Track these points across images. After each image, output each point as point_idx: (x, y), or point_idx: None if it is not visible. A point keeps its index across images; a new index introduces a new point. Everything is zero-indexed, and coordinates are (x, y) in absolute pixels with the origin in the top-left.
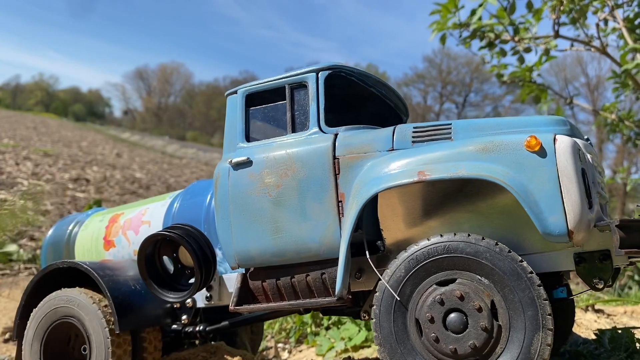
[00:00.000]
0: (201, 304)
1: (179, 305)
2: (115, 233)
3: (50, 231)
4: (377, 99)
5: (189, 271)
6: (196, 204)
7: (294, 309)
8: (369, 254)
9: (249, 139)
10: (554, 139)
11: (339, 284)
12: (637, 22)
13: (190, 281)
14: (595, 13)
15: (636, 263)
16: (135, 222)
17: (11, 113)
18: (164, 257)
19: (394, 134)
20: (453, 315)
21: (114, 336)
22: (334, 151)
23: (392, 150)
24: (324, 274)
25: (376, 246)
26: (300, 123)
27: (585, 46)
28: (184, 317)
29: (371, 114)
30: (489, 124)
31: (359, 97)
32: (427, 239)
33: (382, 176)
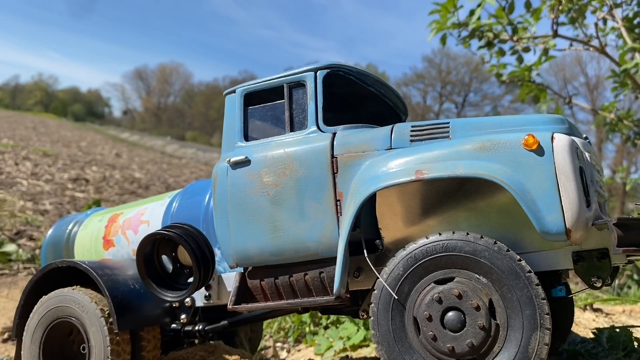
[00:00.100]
0: (200, 303)
1: (178, 305)
2: (114, 233)
3: (50, 231)
4: (376, 98)
5: (187, 270)
6: (195, 203)
7: (292, 308)
8: (367, 252)
9: (247, 138)
10: (552, 137)
11: (337, 283)
12: (636, 22)
13: (189, 280)
14: (594, 12)
15: (635, 262)
16: (134, 222)
17: (10, 113)
18: (163, 257)
19: (392, 133)
20: (451, 313)
21: (112, 335)
22: (332, 150)
23: (390, 149)
24: (322, 273)
25: (375, 245)
26: (298, 122)
27: (584, 46)
28: (183, 316)
29: (370, 113)
30: (487, 122)
31: (357, 96)
32: (425, 237)
33: (379, 175)
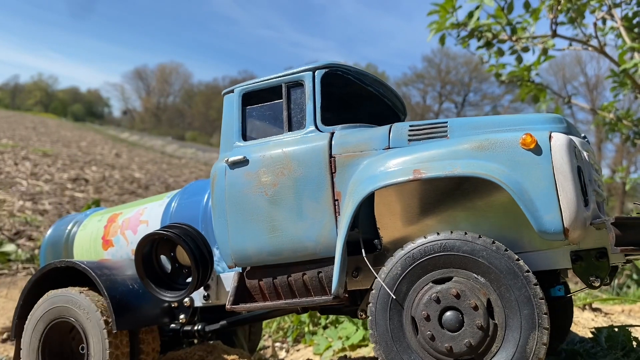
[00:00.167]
0: (199, 303)
1: (176, 305)
2: (113, 233)
3: (49, 231)
4: (375, 98)
5: (186, 270)
6: (193, 203)
7: (290, 307)
8: (366, 252)
9: (245, 138)
10: (550, 136)
11: (335, 283)
12: (635, 21)
13: (188, 280)
14: (593, 12)
15: (634, 261)
16: (134, 222)
17: (10, 113)
18: (162, 257)
19: (390, 133)
20: (449, 313)
21: (111, 336)
22: (330, 150)
23: (389, 148)
24: (320, 272)
25: (373, 245)
26: (296, 122)
27: (583, 45)
28: (181, 316)
29: (369, 113)
30: (485, 122)
31: (356, 96)
32: (423, 236)
33: (377, 175)
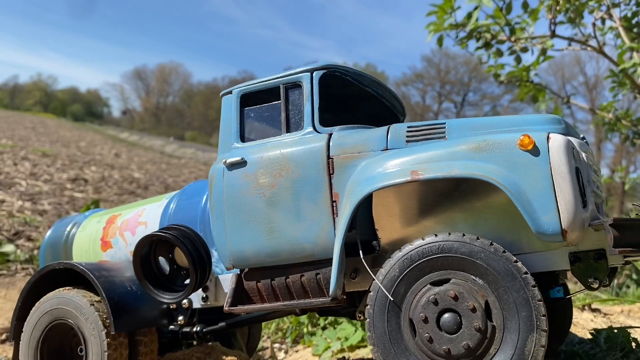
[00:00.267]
0: (197, 304)
1: (175, 306)
2: (112, 234)
3: (49, 232)
4: (374, 99)
5: (184, 272)
6: (192, 204)
7: (288, 309)
8: (365, 254)
9: (243, 139)
10: (548, 137)
11: (333, 285)
12: (634, 21)
13: (186, 282)
14: (591, 12)
15: (633, 262)
16: (132, 223)
17: (9, 113)
18: (160, 258)
19: (388, 134)
20: (447, 315)
21: (109, 337)
22: (328, 151)
23: (386, 149)
24: (318, 274)
25: (372, 246)
26: (294, 123)
27: (582, 46)
28: (180, 318)
29: (368, 114)
30: (483, 123)
31: (355, 97)
32: (421, 238)
33: (375, 176)
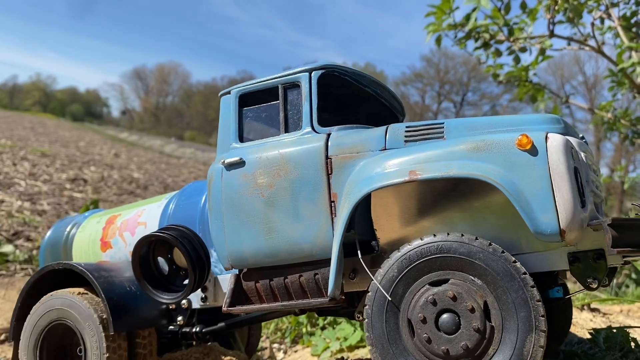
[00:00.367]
0: (196, 305)
1: (174, 307)
2: (112, 234)
3: (48, 233)
4: (373, 99)
5: (183, 272)
6: (191, 205)
7: (287, 309)
8: (363, 254)
9: (242, 139)
10: (546, 137)
11: (331, 285)
12: (633, 21)
13: (185, 282)
14: (590, 12)
15: (632, 262)
16: (132, 224)
17: (9, 113)
18: (159, 258)
19: (387, 134)
20: (445, 315)
21: (109, 338)
22: (326, 151)
23: (385, 149)
24: (317, 274)
25: (370, 246)
26: (293, 123)
27: (581, 45)
28: (179, 318)
29: (367, 113)
30: (481, 122)
31: (354, 97)
32: (420, 238)
33: (373, 176)
